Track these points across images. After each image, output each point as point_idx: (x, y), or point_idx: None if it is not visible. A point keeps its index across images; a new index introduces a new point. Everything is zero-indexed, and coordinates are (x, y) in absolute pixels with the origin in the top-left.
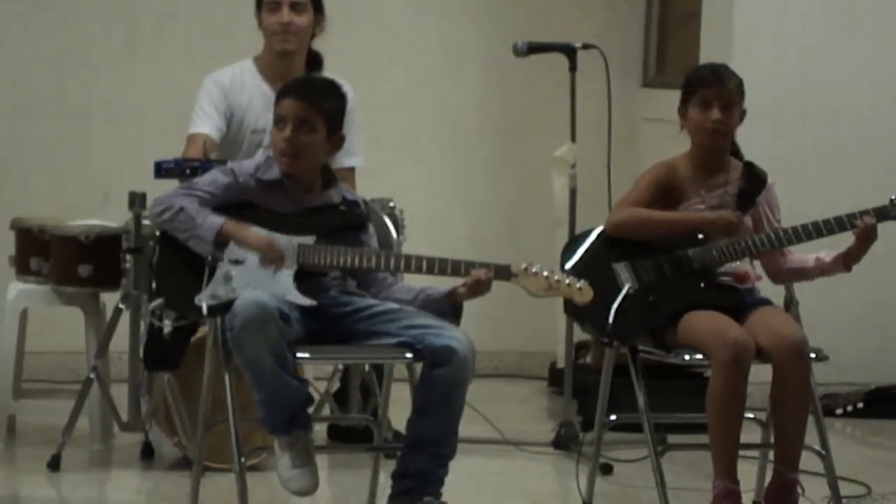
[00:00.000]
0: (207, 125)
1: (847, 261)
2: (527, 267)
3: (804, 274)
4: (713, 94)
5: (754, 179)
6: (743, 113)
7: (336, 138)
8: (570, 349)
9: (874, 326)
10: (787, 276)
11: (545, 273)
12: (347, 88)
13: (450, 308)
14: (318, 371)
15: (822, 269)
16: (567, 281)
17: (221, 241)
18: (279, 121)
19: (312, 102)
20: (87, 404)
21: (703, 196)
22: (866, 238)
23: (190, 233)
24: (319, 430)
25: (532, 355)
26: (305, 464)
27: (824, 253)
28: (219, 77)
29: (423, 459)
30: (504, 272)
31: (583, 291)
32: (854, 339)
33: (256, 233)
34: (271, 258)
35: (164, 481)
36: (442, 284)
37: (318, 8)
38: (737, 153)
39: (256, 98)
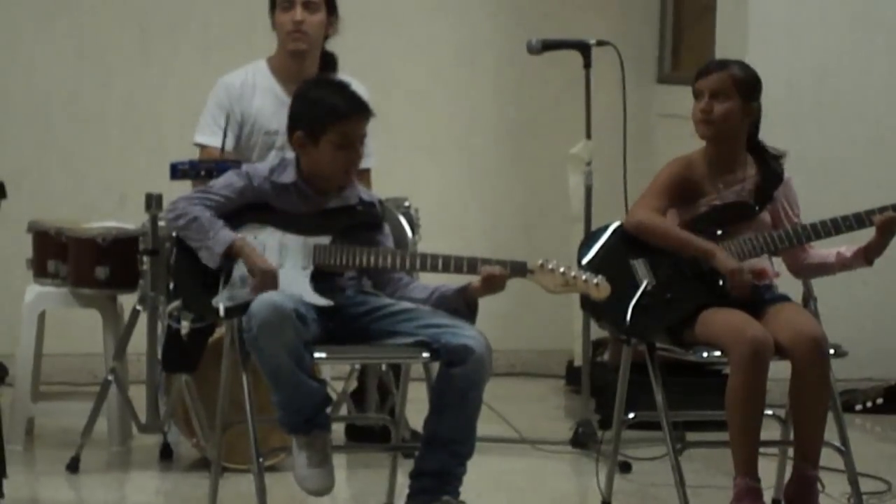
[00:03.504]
0: (218, 137)
1: (868, 255)
2: (543, 263)
3: (826, 268)
4: (703, 83)
5: (770, 175)
6: (757, 109)
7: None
8: (587, 347)
9: (893, 322)
10: (808, 270)
11: (561, 269)
12: (363, 89)
13: (465, 305)
14: (336, 371)
15: (843, 264)
16: (584, 277)
17: (231, 256)
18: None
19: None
20: (106, 406)
21: (719, 192)
22: (888, 232)
23: (201, 243)
24: (337, 430)
25: (549, 353)
26: (322, 464)
27: (845, 247)
28: (230, 80)
29: (441, 458)
30: (520, 269)
31: (600, 287)
32: (873, 335)
33: (262, 260)
34: (262, 286)
35: (183, 482)
36: (457, 283)
37: (331, 8)
38: (758, 148)
39: (268, 100)
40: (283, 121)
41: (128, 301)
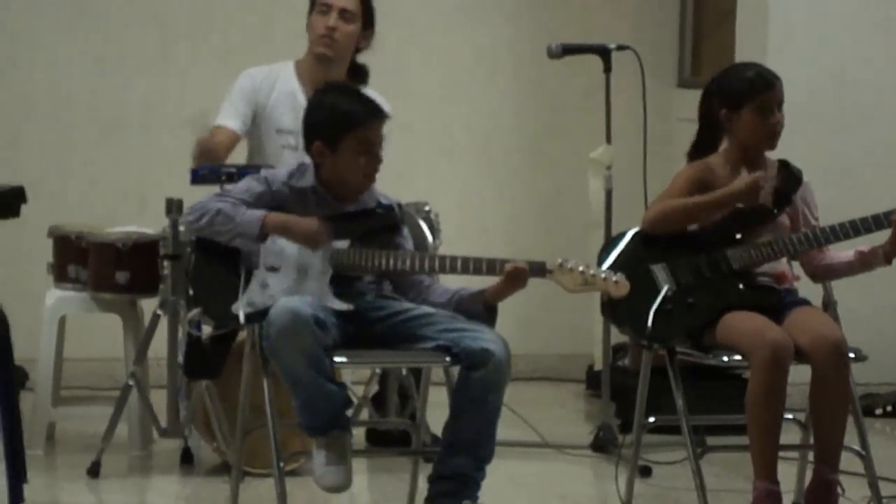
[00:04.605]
0: (234, 119)
1: (887, 254)
2: (562, 263)
3: (844, 270)
4: (773, 97)
5: (790, 178)
6: None
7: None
8: (607, 351)
9: None
10: (826, 273)
11: (580, 268)
12: (387, 106)
13: (483, 308)
14: (356, 375)
15: (862, 264)
16: (603, 275)
17: (266, 231)
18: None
19: None
20: (127, 410)
21: None
22: None
23: (233, 231)
24: (358, 434)
25: (570, 358)
26: (339, 462)
27: (863, 247)
28: (253, 72)
29: (460, 462)
30: (539, 269)
31: (619, 285)
32: (893, 339)
33: (297, 218)
34: (317, 239)
35: (204, 487)
36: (477, 285)
37: (368, 22)
38: None
39: (284, 98)
40: (296, 123)
41: (148, 305)
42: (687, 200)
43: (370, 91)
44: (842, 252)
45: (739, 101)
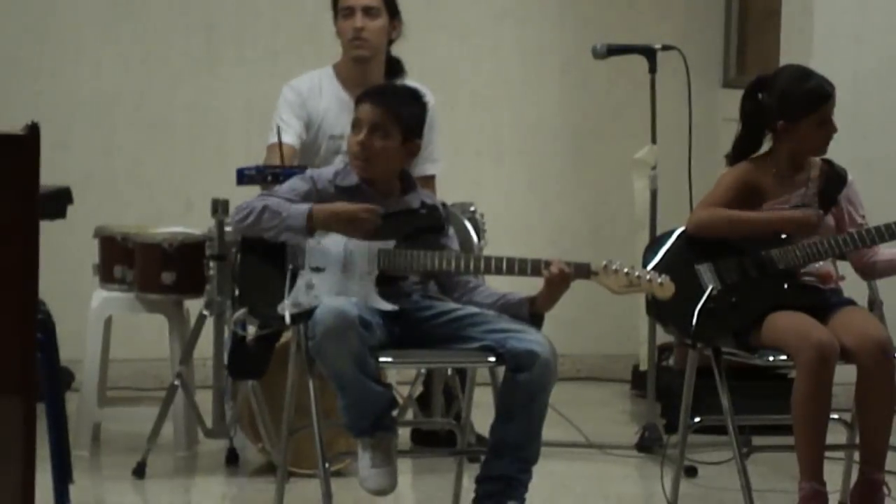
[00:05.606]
0: (288, 134)
1: None
2: (607, 264)
3: (893, 268)
4: (831, 108)
5: (834, 178)
6: None
7: (412, 146)
8: (652, 351)
9: None
10: (877, 271)
11: (625, 269)
12: (429, 96)
13: (529, 315)
14: (402, 375)
15: None
16: (648, 276)
17: (313, 225)
18: (355, 124)
19: (388, 108)
20: (172, 411)
21: (785, 196)
22: None
23: (279, 227)
24: (403, 435)
25: (615, 358)
26: (384, 464)
27: None
28: (297, 84)
29: (506, 464)
30: (584, 270)
31: (664, 286)
32: None
33: (344, 205)
34: (366, 221)
35: (249, 487)
36: (523, 286)
37: (392, 12)
38: None
39: (334, 104)
40: (347, 126)
41: (194, 306)
42: (735, 214)
43: (411, 81)
44: (891, 249)
45: (799, 114)
